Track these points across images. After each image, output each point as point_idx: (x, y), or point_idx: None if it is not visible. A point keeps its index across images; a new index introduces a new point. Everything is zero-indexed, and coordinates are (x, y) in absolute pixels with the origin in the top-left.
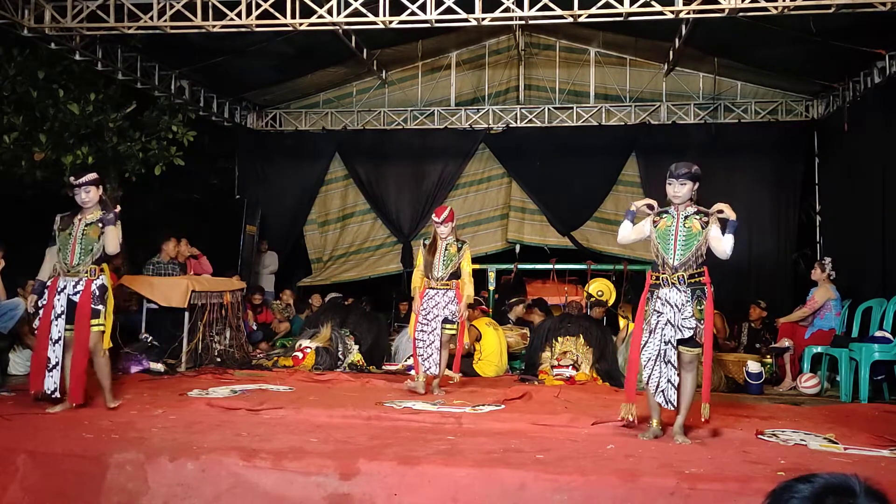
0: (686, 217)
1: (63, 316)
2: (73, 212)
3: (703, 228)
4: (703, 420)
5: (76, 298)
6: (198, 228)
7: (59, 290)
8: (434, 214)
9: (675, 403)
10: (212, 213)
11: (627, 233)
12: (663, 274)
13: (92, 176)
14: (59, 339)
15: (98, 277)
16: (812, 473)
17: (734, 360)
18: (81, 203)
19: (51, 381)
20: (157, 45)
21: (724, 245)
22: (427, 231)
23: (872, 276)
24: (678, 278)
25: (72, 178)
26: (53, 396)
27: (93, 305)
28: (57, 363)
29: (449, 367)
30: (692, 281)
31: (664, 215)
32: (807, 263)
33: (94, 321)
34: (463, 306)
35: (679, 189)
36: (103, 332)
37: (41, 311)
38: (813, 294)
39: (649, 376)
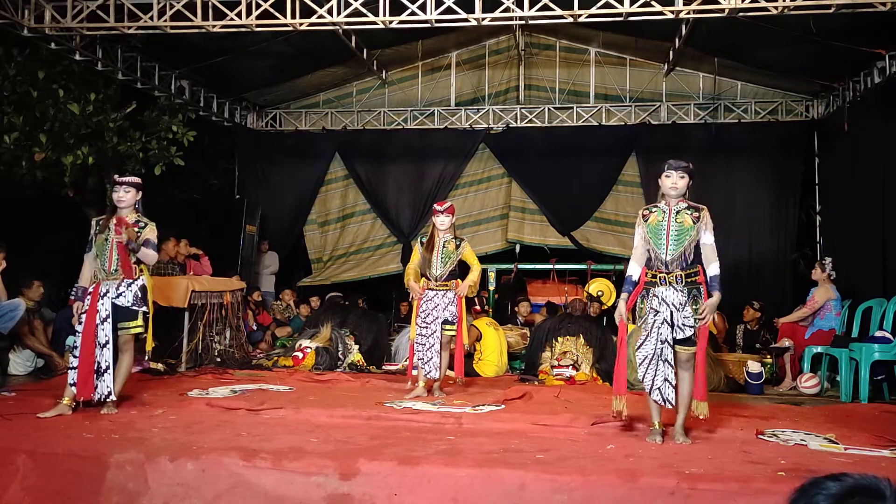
0: (677, 212)
1: (109, 320)
2: (109, 214)
3: (694, 223)
4: (699, 417)
5: (119, 301)
6: (198, 228)
7: (101, 294)
8: (436, 204)
9: (673, 402)
10: (212, 213)
11: (635, 262)
12: (659, 272)
13: (135, 179)
14: (108, 342)
15: (138, 279)
16: (843, 473)
17: (734, 360)
18: (116, 201)
19: (103, 386)
20: (157, 45)
21: (712, 269)
22: (427, 231)
23: (872, 276)
24: (675, 278)
25: (115, 176)
26: (107, 401)
27: (134, 307)
28: (108, 367)
29: (450, 368)
30: (689, 280)
31: (655, 210)
32: (807, 263)
33: (131, 323)
34: (469, 282)
35: (679, 181)
36: (138, 333)
37: (83, 317)
38: (813, 294)
39: (645, 375)
